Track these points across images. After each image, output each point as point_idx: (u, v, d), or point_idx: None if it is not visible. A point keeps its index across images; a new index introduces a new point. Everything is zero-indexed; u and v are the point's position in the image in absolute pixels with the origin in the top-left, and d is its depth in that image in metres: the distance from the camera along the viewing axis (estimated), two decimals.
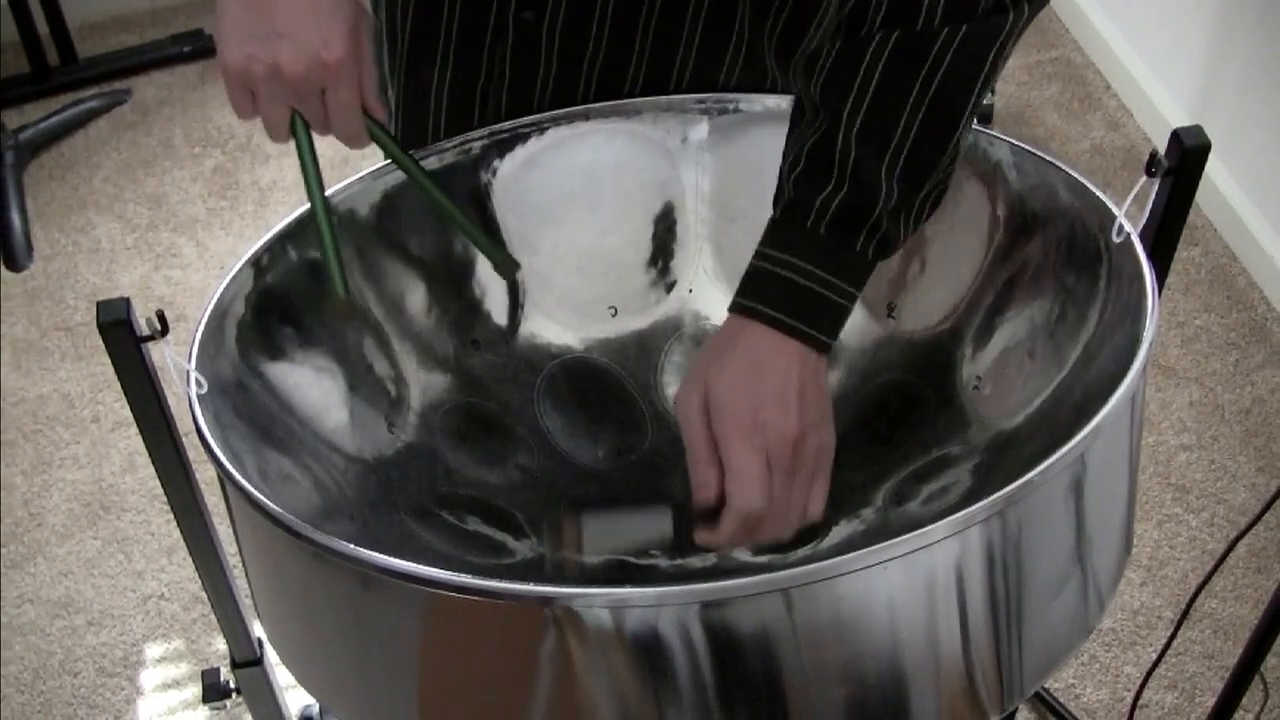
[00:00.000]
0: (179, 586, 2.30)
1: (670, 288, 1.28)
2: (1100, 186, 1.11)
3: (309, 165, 1.12)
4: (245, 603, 1.21)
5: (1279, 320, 2.65)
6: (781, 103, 1.24)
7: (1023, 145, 1.16)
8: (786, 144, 1.06)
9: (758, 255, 1.02)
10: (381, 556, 0.88)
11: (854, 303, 1.02)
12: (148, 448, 1.07)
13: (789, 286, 1.00)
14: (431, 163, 1.21)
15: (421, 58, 1.23)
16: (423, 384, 1.21)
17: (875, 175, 0.99)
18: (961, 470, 1.13)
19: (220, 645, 2.21)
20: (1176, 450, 2.45)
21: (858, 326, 1.23)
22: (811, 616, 0.87)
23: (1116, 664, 2.17)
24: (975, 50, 0.99)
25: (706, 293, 1.27)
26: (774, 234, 1.02)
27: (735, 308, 1.01)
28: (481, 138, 1.23)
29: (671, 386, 1.27)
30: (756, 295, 1.00)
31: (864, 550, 0.85)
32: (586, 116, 1.24)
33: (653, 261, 1.27)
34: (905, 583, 0.88)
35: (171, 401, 1.05)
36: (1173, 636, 1.74)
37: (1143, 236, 1.09)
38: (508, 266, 1.21)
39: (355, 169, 1.20)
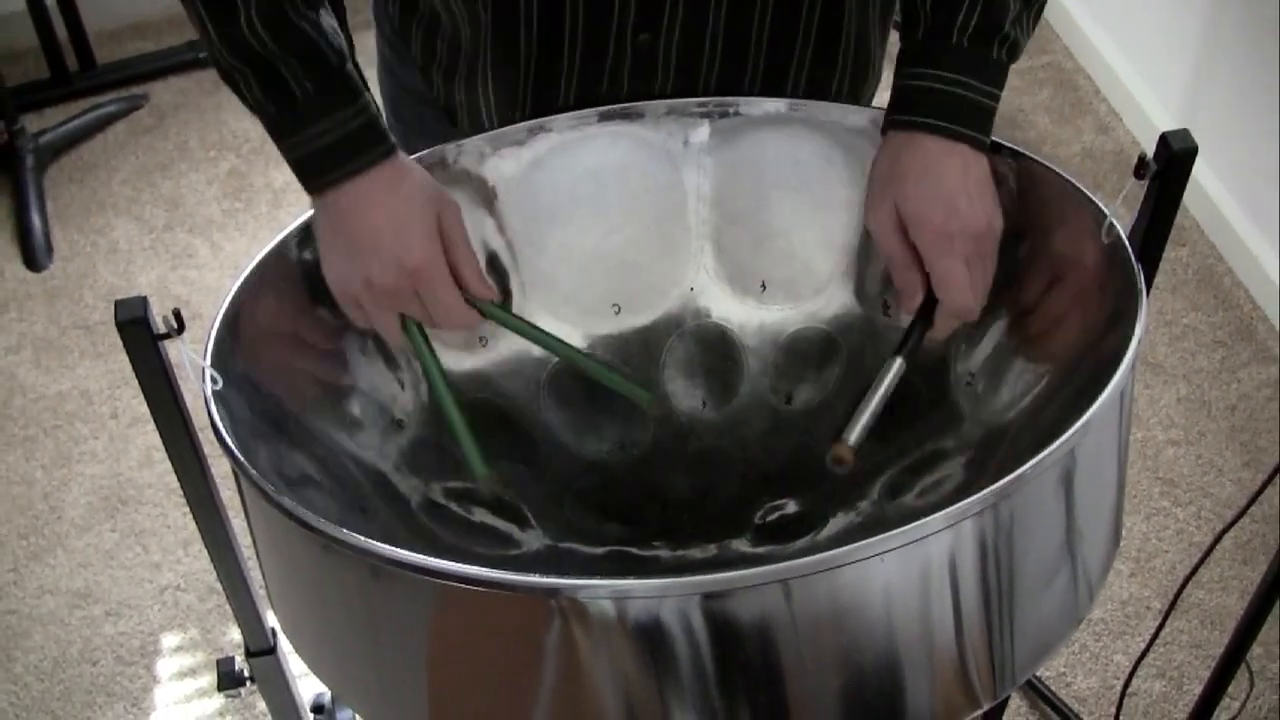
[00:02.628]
0: (195, 578, 2.30)
1: (672, 286, 1.28)
2: (1090, 189, 1.11)
3: (429, 362, 1.14)
4: (259, 593, 1.21)
5: (1264, 319, 2.65)
6: (781, 106, 1.24)
7: (1015, 148, 1.16)
8: None
9: (906, 76, 1.11)
10: (391, 548, 0.89)
11: (998, 102, 1.12)
12: (164, 443, 1.07)
13: (945, 97, 1.10)
14: (439, 165, 1.21)
15: (546, 81, 1.24)
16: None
17: None
18: (955, 464, 1.13)
19: (235, 635, 2.21)
20: (1164, 445, 2.45)
21: (855, 325, 1.23)
22: (810, 607, 0.87)
23: (1106, 653, 2.17)
24: None
25: (708, 291, 1.27)
26: (920, 55, 1.11)
27: (898, 124, 1.11)
28: (489, 140, 1.23)
29: (673, 382, 1.27)
30: (917, 109, 1.10)
31: (861, 542, 0.85)
32: (591, 120, 1.24)
33: (656, 261, 1.27)
34: (901, 574, 0.88)
35: (187, 398, 1.05)
36: (1161, 626, 1.74)
37: (1131, 237, 1.09)
38: (656, 405, 1.24)
39: None
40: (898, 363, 1.10)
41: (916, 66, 1.11)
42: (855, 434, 1.07)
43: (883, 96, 1.18)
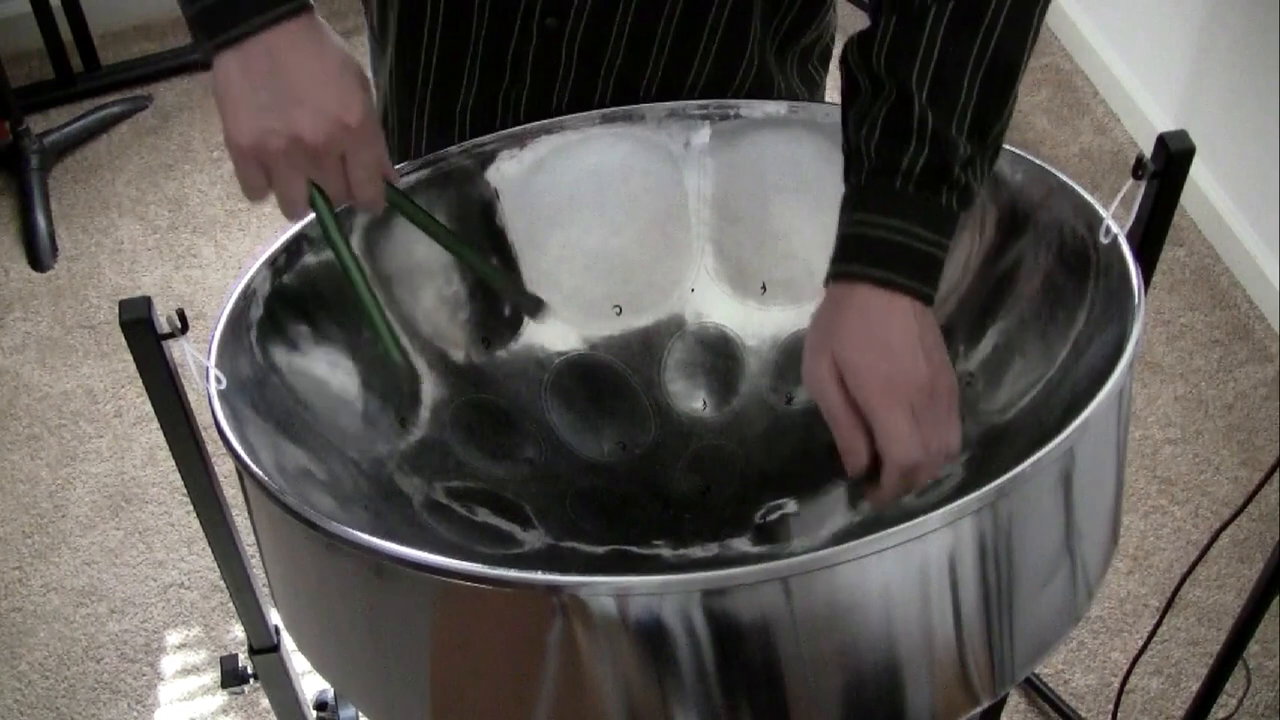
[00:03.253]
0: (198, 576, 2.31)
1: (673, 287, 1.28)
2: (1088, 189, 1.11)
3: (336, 235, 1.08)
4: (262, 591, 1.21)
5: (1261, 318, 2.65)
6: (780, 109, 1.24)
7: (1013, 149, 1.16)
8: (848, 120, 1.07)
9: (848, 224, 1.04)
10: (394, 546, 0.89)
11: (946, 252, 1.03)
12: (168, 442, 1.07)
13: (889, 246, 1.01)
14: (441, 167, 1.22)
15: (450, 66, 1.23)
16: (434, 380, 1.21)
17: (949, 135, 1.01)
18: (954, 464, 1.13)
19: (238, 632, 2.21)
20: (1162, 444, 2.45)
21: None
22: (810, 604, 0.87)
23: (1104, 650, 2.17)
24: (1024, 6, 1.03)
25: (708, 292, 1.28)
26: (864, 199, 1.03)
27: (840, 275, 1.03)
28: (490, 142, 1.23)
29: (674, 383, 1.27)
30: (860, 259, 1.02)
31: (860, 540, 0.85)
32: (593, 122, 1.24)
33: (657, 262, 1.27)
34: (900, 572, 0.88)
35: (191, 397, 1.05)
36: (1158, 624, 1.74)
37: (1129, 237, 1.09)
38: (535, 307, 1.22)
39: None
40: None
41: (859, 212, 1.03)
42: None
43: None
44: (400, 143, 1.31)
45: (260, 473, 0.95)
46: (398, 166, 1.20)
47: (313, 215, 1.07)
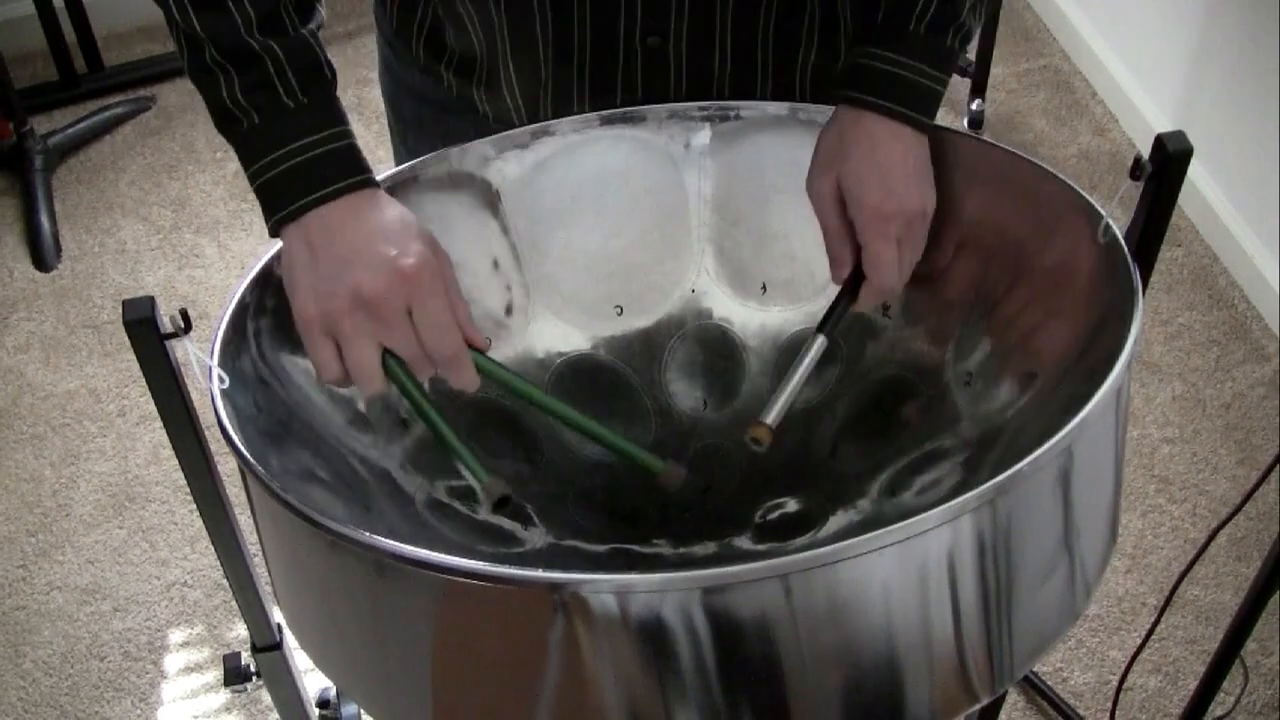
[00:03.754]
0: (201, 574, 2.31)
1: (674, 288, 1.28)
2: (1087, 189, 1.11)
3: (415, 395, 1.03)
4: (265, 590, 1.21)
5: (1258, 318, 2.65)
6: (781, 110, 1.24)
7: (1012, 149, 1.16)
8: None
9: (862, 55, 1.13)
10: (396, 544, 0.89)
11: (946, 87, 1.14)
12: (171, 441, 1.07)
13: (897, 81, 1.11)
14: (444, 168, 1.22)
15: (563, 94, 1.24)
16: (435, 381, 1.21)
17: None
18: (953, 463, 1.13)
19: (241, 630, 2.21)
20: (1160, 443, 2.45)
21: (854, 325, 1.23)
22: (809, 602, 0.87)
23: (1102, 649, 2.17)
24: None
25: (709, 292, 1.28)
26: (878, 37, 1.12)
27: (849, 101, 1.12)
28: (492, 143, 1.23)
29: (675, 383, 1.27)
30: (869, 89, 1.11)
31: (860, 538, 0.85)
32: (594, 123, 1.24)
33: (657, 262, 1.27)
34: (899, 570, 0.88)
35: (194, 396, 1.05)
36: (1156, 622, 1.74)
37: (1127, 237, 1.09)
38: (672, 476, 1.11)
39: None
40: (820, 340, 1.13)
41: (873, 47, 1.12)
42: (773, 414, 1.09)
43: None
44: None
45: (263, 472, 0.95)
46: (398, 167, 1.20)
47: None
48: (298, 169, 1.01)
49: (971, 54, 2.94)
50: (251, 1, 1.01)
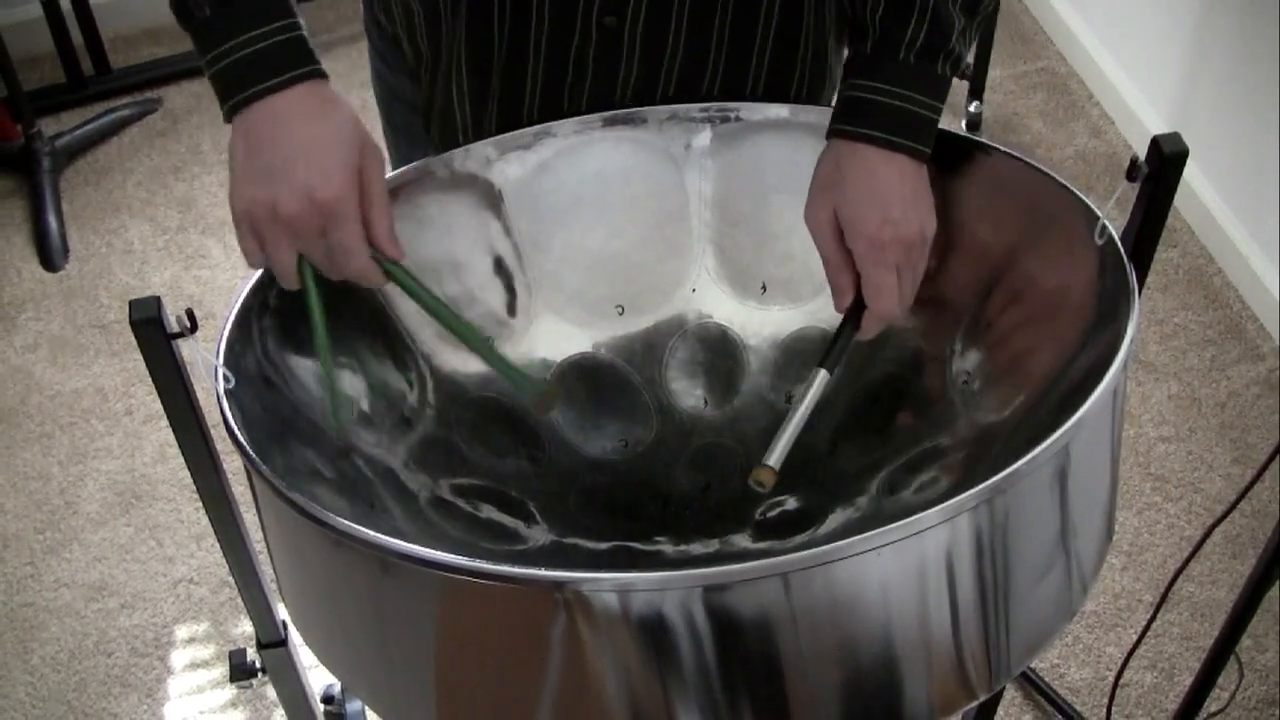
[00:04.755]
0: (207, 571, 2.31)
1: (675, 288, 1.28)
2: (1083, 191, 1.11)
3: (315, 310, 1.08)
4: (270, 587, 1.21)
5: (1253, 318, 2.65)
6: (781, 112, 1.24)
7: (1010, 151, 1.16)
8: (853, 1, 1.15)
9: (853, 87, 1.12)
10: (400, 543, 0.89)
11: (939, 114, 1.12)
12: (178, 439, 1.07)
13: (889, 110, 1.10)
14: (447, 169, 1.21)
15: (515, 68, 1.23)
16: (440, 380, 1.21)
17: (947, 11, 1.10)
18: (951, 461, 1.13)
19: (246, 627, 2.21)
20: (1156, 442, 2.45)
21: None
22: (809, 600, 0.87)
23: (1099, 645, 2.17)
24: None
25: (709, 292, 1.28)
26: (868, 67, 1.12)
27: (842, 134, 1.12)
28: (495, 144, 1.23)
29: (675, 381, 1.27)
30: (862, 121, 1.11)
31: (859, 536, 0.85)
32: (596, 125, 1.24)
33: (658, 263, 1.27)
34: (898, 567, 0.88)
35: (200, 395, 1.05)
36: (1152, 619, 1.74)
37: (1124, 238, 1.09)
38: (546, 402, 1.20)
39: None
40: (821, 374, 1.11)
41: (863, 78, 1.12)
42: (775, 455, 1.08)
43: None
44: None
45: (268, 470, 0.95)
46: (404, 168, 1.20)
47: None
48: (246, 60, 1.02)
49: (970, 56, 2.94)
50: None
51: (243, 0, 1.03)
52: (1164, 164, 1.07)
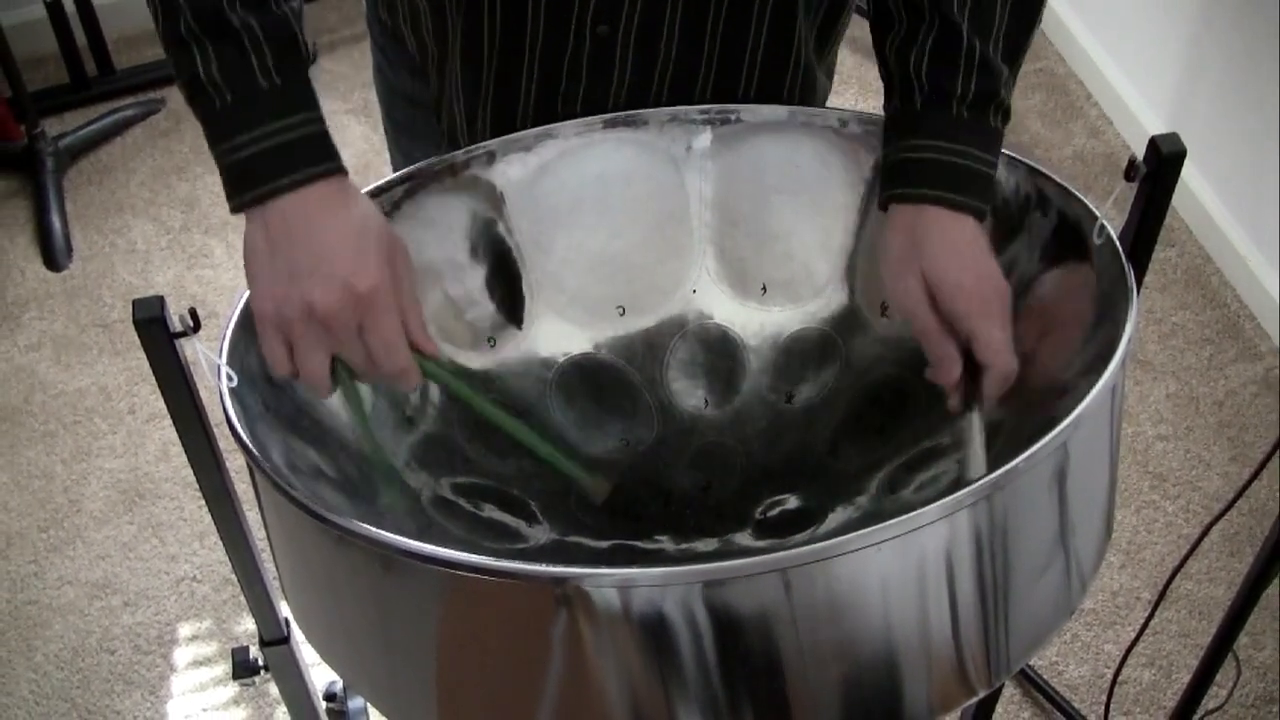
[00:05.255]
0: (210, 569, 2.31)
1: (675, 288, 1.28)
2: (1082, 190, 1.11)
3: (359, 414, 1.05)
4: (273, 584, 1.21)
5: (1251, 317, 2.65)
6: (780, 113, 1.24)
7: (1009, 152, 1.16)
8: (886, 48, 1.12)
9: (907, 148, 1.08)
10: (402, 540, 0.89)
11: (995, 170, 1.09)
12: (181, 438, 1.07)
13: (950, 168, 1.07)
14: (448, 170, 1.21)
15: (509, 74, 1.23)
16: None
17: (991, 59, 1.07)
18: (951, 460, 1.13)
19: (249, 625, 2.21)
20: (1154, 440, 2.45)
21: (853, 325, 1.23)
22: (809, 596, 0.87)
23: (1097, 642, 2.17)
24: None
25: (709, 293, 1.27)
26: (921, 125, 1.08)
27: (906, 198, 1.07)
28: (496, 146, 1.23)
29: (676, 381, 1.27)
30: (924, 182, 1.07)
31: (858, 532, 0.85)
32: (597, 126, 1.24)
33: (659, 264, 1.27)
34: (897, 564, 0.88)
35: (203, 394, 1.05)
36: (1150, 616, 1.74)
37: (1122, 238, 1.09)
38: (597, 489, 1.17)
39: (377, 175, 1.20)
40: (977, 414, 1.07)
41: (916, 137, 1.08)
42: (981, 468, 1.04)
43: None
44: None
45: (271, 469, 0.96)
46: (406, 169, 1.20)
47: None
48: (265, 154, 0.97)
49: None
50: None
51: (266, 90, 0.97)
52: (1162, 164, 1.07)
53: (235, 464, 1.07)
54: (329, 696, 2.09)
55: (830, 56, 1.33)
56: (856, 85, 3.12)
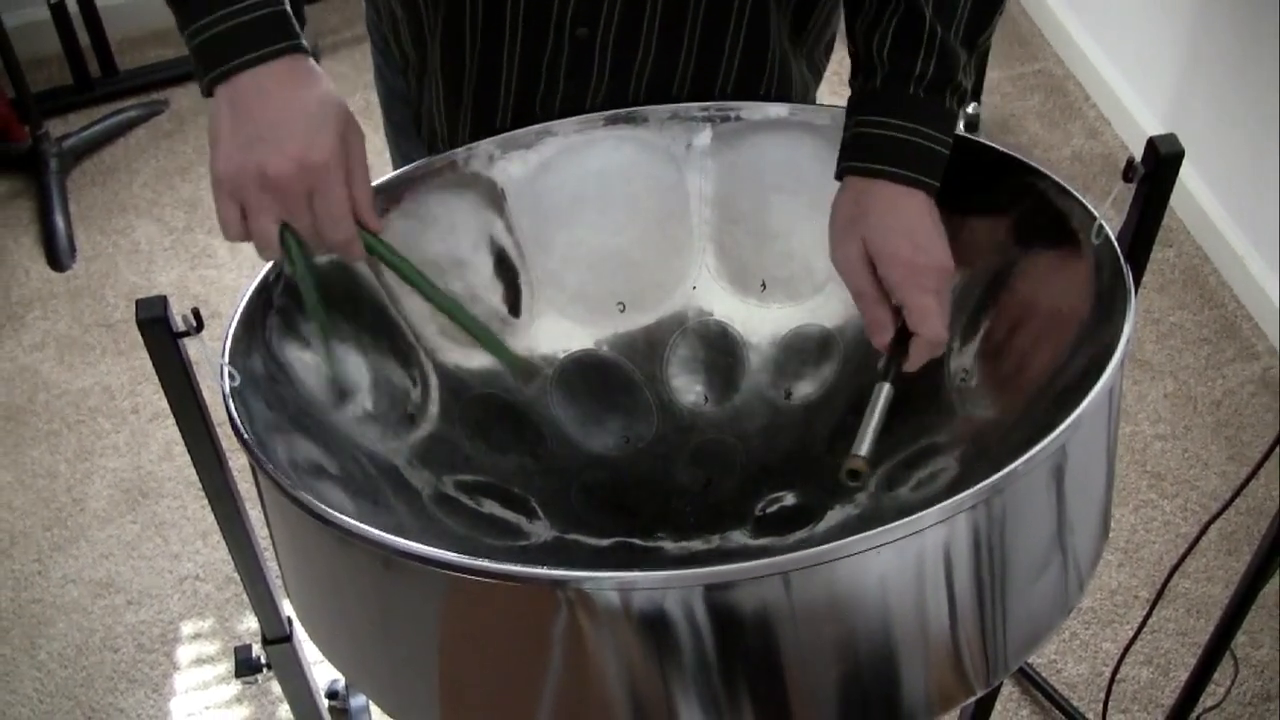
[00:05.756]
0: (213, 568, 2.30)
1: (675, 285, 1.28)
2: (1080, 191, 1.11)
3: (305, 276, 1.08)
4: (275, 583, 1.21)
5: (1248, 317, 2.65)
6: (780, 111, 1.24)
7: (1007, 152, 1.16)
8: (854, 29, 1.16)
9: (864, 124, 1.11)
10: (403, 541, 0.88)
11: (950, 150, 1.12)
12: (184, 437, 1.07)
13: (904, 145, 1.10)
14: (450, 167, 1.21)
15: (489, 78, 1.23)
16: (443, 377, 1.21)
17: (951, 45, 1.10)
18: (949, 458, 1.13)
19: (251, 623, 2.21)
20: (1152, 440, 2.45)
21: (852, 323, 1.23)
22: (808, 597, 0.87)
23: (1095, 641, 2.17)
24: None
25: (709, 290, 1.27)
26: (878, 103, 1.12)
27: (858, 171, 1.11)
28: (497, 144, 1.23)
29: (676, 378, 1.27)
30: (878, 157, 1.10)
31: (858, 536, 0.84)
32: (597, 124, 1.24)
33: (659, 261, 1.27)
34: (897, 566, 0.88)
35: (206, 394, 1.05)
36: (1148, 615, 1.74)
37: (1120, 238, 1.09)
38: (527, 372, 1.20)
39: (378, 175, 1.20)
40: (888, 388, 1.08)
41: (874, 114, 1.11)
42: (866, 446, 1.04)
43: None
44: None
45: (273, 468, 0.95)
46: (407, 166, 1.20)
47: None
48: (229, 33, 1.02)
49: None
50: None
51: None
52: (1160, 164, 1.07)
53: (238, 463, 1.07)
54: (331, 694, 2.09)
55: (812, 50, 1.32)
56: None
